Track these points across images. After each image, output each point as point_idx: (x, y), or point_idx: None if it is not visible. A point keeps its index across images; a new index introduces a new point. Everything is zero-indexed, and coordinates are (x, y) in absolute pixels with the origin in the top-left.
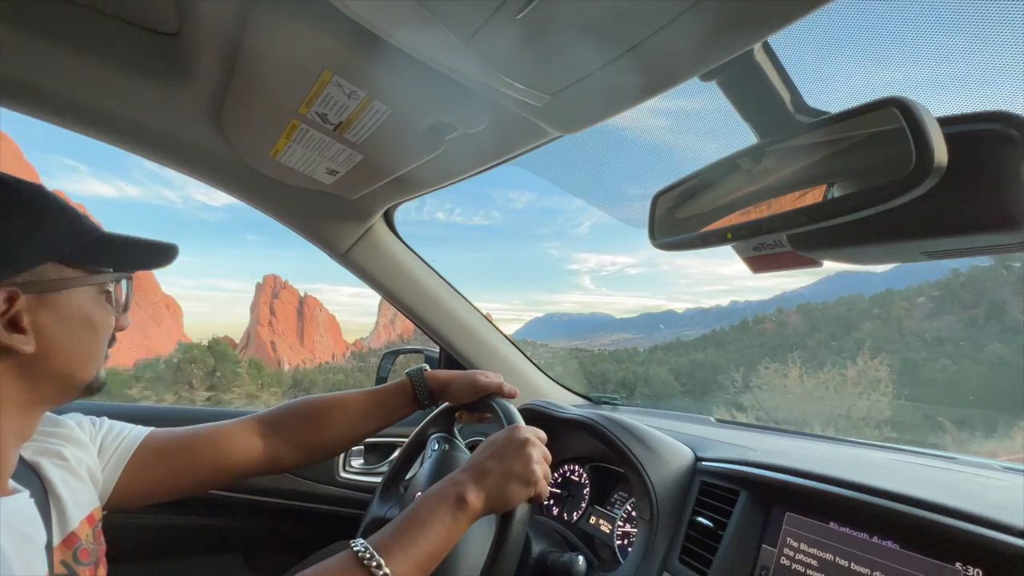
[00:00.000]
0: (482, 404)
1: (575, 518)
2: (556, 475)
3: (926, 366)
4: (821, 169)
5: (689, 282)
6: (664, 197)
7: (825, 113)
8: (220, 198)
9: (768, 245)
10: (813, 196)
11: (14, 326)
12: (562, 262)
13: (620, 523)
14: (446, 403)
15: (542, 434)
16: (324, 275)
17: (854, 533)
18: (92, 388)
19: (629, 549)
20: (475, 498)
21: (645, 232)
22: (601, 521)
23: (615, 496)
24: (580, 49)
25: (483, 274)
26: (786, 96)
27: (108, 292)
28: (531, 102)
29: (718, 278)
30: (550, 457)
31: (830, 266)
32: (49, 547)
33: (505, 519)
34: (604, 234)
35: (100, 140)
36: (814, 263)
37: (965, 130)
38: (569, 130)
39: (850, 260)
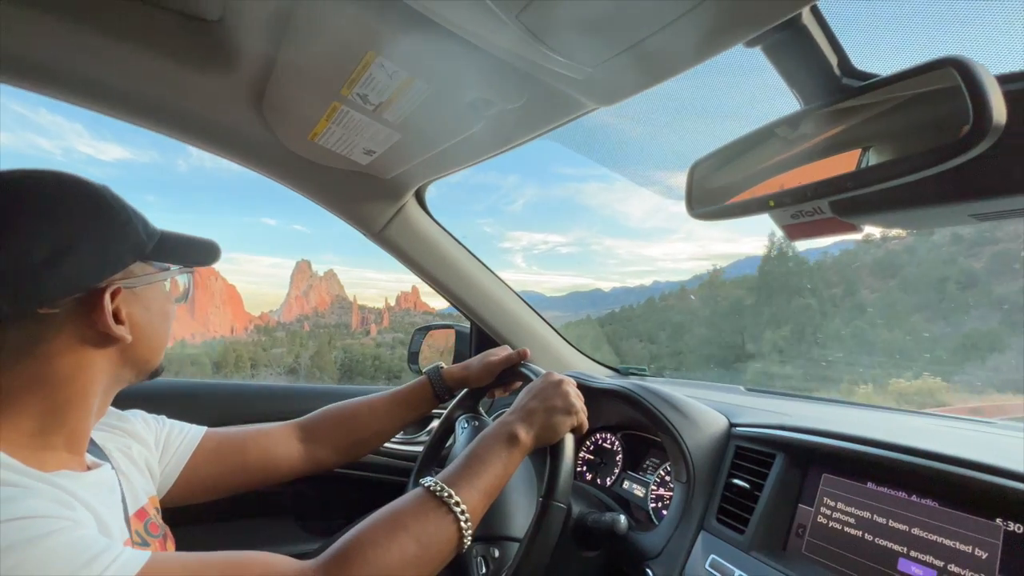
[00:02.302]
0: (505, 376)
1: (608, 483)
2: (588, 443)
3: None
4: (866, 133)
5: (617, 262)
6: (701, 166)
7: (873, 76)
8: (110, 152)
9: (807, 212)
10: (858, 160)
11: (117, 319)
12: (495, 240)
13: (654, 487)
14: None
15: (572, 380)
16: (239, 244)
17: (892, 492)
18: (157, 372)
19: (663, 511)
20: (524, 434)
21: (580, 211)
22: (635, 486)
23: (647, 462)
24: (627, 20)
25: None
26: (833, 60)
27: (175, 286)
28: (572, 75)
29: (644, 259)
30: (582, 396)
31: (744, 250)
32: (127, 516)
33: (555, 448)
34: (537, 212)
35: (139, 125)
36: (855, 229)
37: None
38: (607, 102)
39: (894, 225)
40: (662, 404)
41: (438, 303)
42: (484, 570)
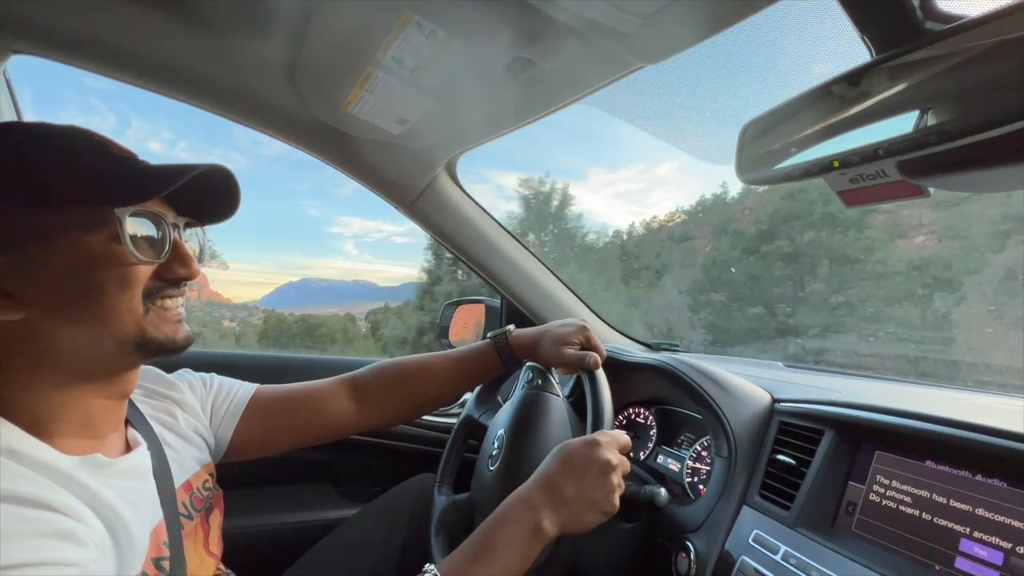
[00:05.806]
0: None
1: (643, 457)
2: (621, 417)
3: None
4: (949, 83)
5: (452, 256)
6: (753, 128)
7: (960, 17)
8: None
9: (868, 176)
10: (934, 115)
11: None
12: (323, 224)
13: (690, 461)
14: None
15: (625, 439)
16: None
17: (954, 471)
18: (146, 349)
19: (700, 486)
20: (550, 525)
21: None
22: (669, 460)
23: (682, 437)
24: None
25: (218, 230)
26: (916, 0)
27: (134, 236)
28: (620, 27)
29: None
30: (628, 467)
31: None
32: (171, 491)
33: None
34: (369, 198)
35: (165, 95)
36: (922, 193)
37: None
38: (654, 59)
39: (965, 187)
40: (702, 379)
41: (234, 293)
42: None
